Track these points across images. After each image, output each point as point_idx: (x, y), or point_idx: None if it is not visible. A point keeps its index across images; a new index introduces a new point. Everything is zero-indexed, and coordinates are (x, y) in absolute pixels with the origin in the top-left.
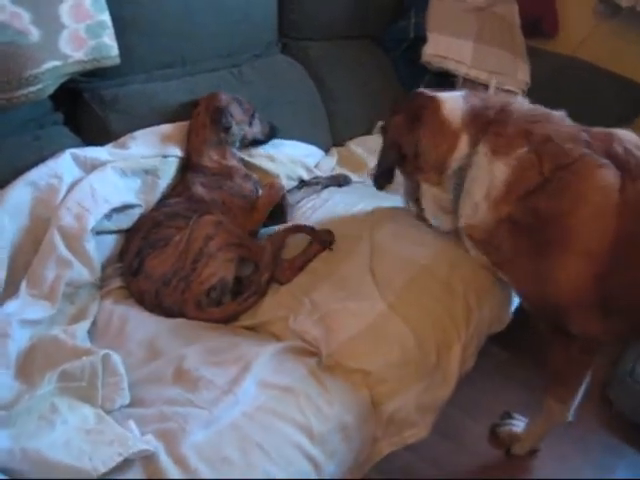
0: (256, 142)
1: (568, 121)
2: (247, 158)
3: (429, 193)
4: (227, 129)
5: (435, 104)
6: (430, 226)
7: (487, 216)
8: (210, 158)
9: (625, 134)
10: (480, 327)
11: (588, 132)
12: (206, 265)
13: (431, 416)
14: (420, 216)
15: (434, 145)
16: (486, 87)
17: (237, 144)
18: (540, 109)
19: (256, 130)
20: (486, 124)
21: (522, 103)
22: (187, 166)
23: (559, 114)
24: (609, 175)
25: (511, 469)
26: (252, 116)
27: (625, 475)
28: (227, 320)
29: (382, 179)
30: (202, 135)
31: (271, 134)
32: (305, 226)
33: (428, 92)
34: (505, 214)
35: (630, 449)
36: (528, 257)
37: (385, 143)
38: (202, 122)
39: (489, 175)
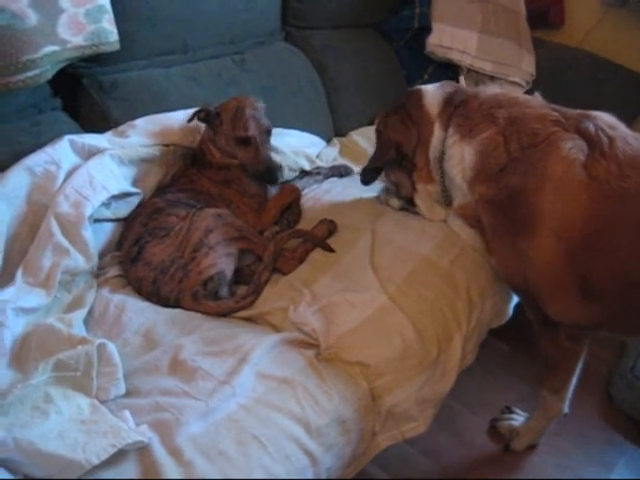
0: (246, 167)
1: (540, 103)
2: None
3: (424, 192)
4: (215, 130)
5: (417, 96)
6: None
7: (469, 197)
8: (215, 154)
9: (601, 114)
10: (481, 321)
11: (561, 112)
12: (205, 256)
13: (430, 410)
14: (404, 209)
15: (421, 138)
16: (491, 78)
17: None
18: (510, 94)
19: (245, 156)
20: (453, 109)
21: (490, 87)
22: (196, 157)
23: (531, 97)
24: (573, 149)
25: (511, 463)
26: (252, 139)
27: (625, 471)
28: (222, 315)
29: (370, 176)
30: (218, 131)
31: (262, 174)
32: (308, 232)
33: (418, 87)
34: (479, 194)
35: (630, 445)
36: (506, 237)
37: (382, 142)
38: (222, 118)
39: (460, 159)
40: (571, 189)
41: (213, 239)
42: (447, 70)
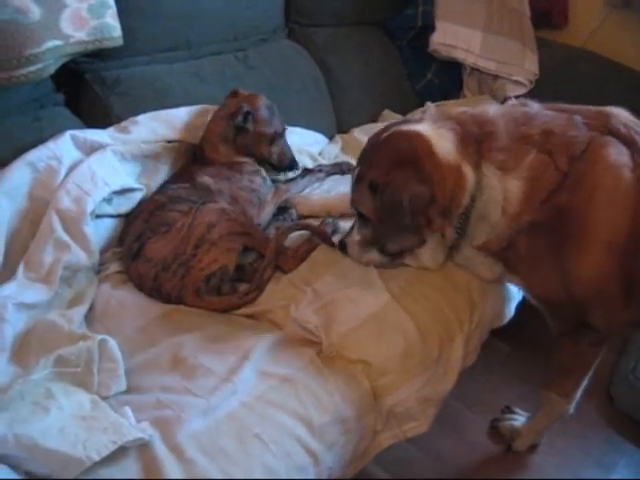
0: (267, 162)
1: (545, 109)
2: None
3: (435, 242)
4: (240, 130)
5: (425, 144)
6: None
7: (506, 230)
8: (222, 152)
9: (618, 111)
10: (483, 321)
11: (579, 113)
12: (207, 252)
13: (432, 409)
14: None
15: (442, 189)
16: (494, 77)
17: (249, 151)
18: (513, 108)
19: (274, 152)
20: (478, 144)
21: (487, 108)
22: (197, 154)
23: (530, 104)
24: (619, 155)
25: (511, 464)
26: (277, 135)
27: (626, 472)
28: (225, 311)
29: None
30: (220, 127)
31: (287, 166)
32: (310, 225)
33: (406, 130)
34: (526, 222)
35: (631, 446)
36: (549, 255)
37: (399, 213)
38: (223, 114)
39: (502, 194)
40: (622, 196)
41: (216, 234)
42: (450, 69)
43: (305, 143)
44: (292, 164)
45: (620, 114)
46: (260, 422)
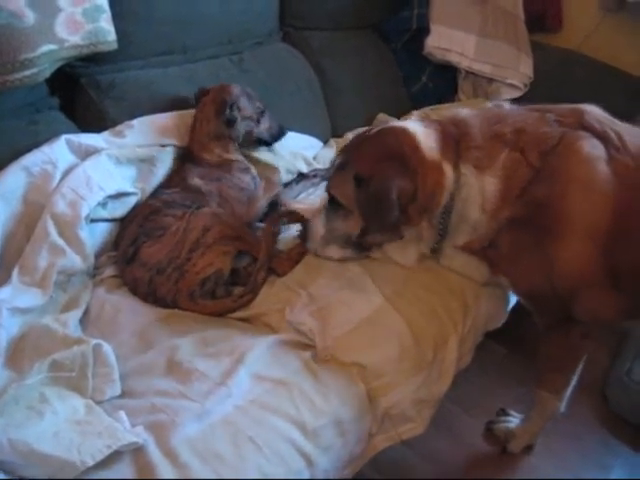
0: (261, 142)
1: (519, 108)
2: (246, 150)
3: (406, 238)
4: (231, 123)
5: (411, 140)
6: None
7: (486, 229)
8: (212, 151)
9: (592, 108)
10: (477, 323)
11: (551, 111)
12: (202, 255)
13: (428, 411)
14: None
15: (424, 186)
16: (489, 80)
17: (240, 140)
18: (486, 109)
19: (263, 128)
20: (456, 144)
21: (462, 110)
22: (187, 156)
23: (505, 106)
24: (592, 148)
25: (506, 465)
26: (261, 114)
27: (621, 473)
28: (219, 315)
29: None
30: (206, 126)
31: (278, 136)
32: (289, 211)
33: (394, 126)
34: (505, 219)
35: (626, 448)
36: (530, 250)
37: (382, 200)
38: (207, 113)
39: (480, 191)
40: (598, 188)
41: (210, 237)
42: (445, 72)
43: (300, 147)
44: (282, 131)
45: (593, 111)
46: (254, 426)
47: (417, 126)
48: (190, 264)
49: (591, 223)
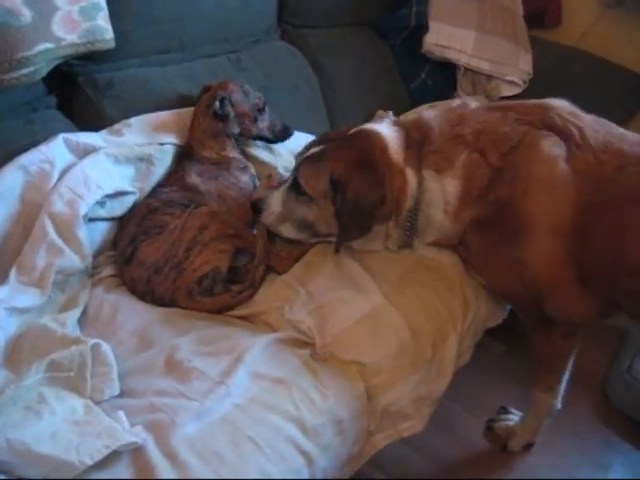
0: (263, 139)
1: (482, 107)
2: (245, 148)
3: (378, 232)
4: (223, 118)
5: (381, 145)
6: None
7: (452, 229)
8: (209, 148)
9: (558, 103)
10: (476, 320)
11: (514, 110)
12: (199, 253)
13: (427, 409)
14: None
15: (391, 191)
16: (488, 77)
17: (236, 136)
18: (450, 111)
19: (262, 126)
20: (417, 149)
21: (424, 113)
22: (185, 154)
23: (470, 105)
24: (552, 146)
25: (506, 463)
26: (260, 111)
27: (621, 471)
28: (219, 312)
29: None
30: (203, 123)
31: (282, 135)
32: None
33: (369, 129)
34: (468, 219)
35: (627, 445)
36: (499, 250)
37: (359, 213)
38: (204, 110)
39: (441, 194)
40: (559, 186)
41: (207, 236)
42: (444, 69)
43: (298, 145)
44: (285, 130)
45: (558, 106)
46: (254, 424)
47: (388, 130)
48: (187, 262)
49: (554, 222)
